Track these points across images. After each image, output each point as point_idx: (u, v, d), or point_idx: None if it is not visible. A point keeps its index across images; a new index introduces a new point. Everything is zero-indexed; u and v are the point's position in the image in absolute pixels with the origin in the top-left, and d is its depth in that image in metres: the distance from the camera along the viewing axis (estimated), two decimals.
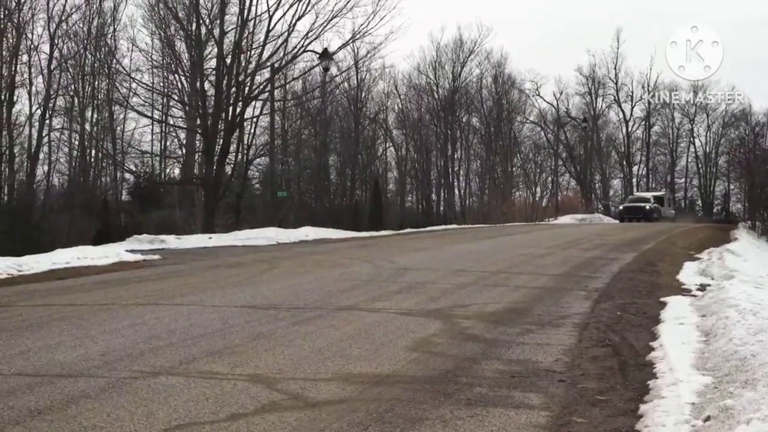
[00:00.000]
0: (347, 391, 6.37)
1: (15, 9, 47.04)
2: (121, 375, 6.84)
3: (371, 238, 31.87)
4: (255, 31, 39.00)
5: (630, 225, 47.85)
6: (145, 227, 35.80)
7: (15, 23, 47.07)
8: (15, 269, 16.77)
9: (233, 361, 7.40)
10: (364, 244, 25.96)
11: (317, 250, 23.22)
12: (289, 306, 11.16)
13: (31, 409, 5.77)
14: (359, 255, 20.76)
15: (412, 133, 70.49)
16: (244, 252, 22.86)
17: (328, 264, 18.31)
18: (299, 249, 24.08)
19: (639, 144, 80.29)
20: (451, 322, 9.86)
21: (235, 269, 17.30)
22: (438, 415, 5.77)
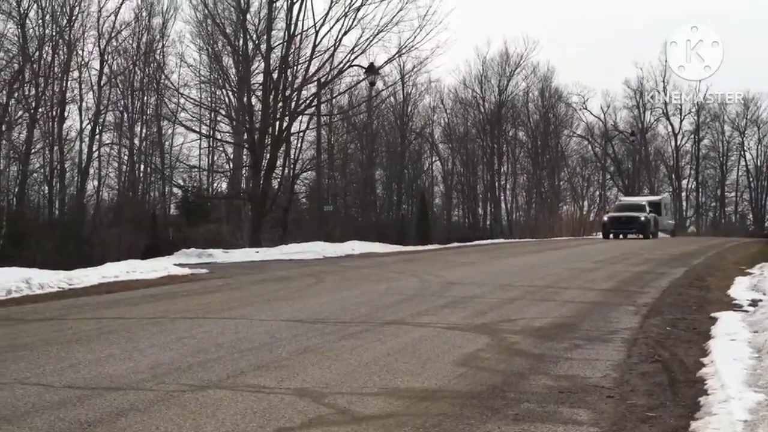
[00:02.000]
0: (394, 406, 6.35)
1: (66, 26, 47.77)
2: (170, 388, 6.88)
3: (417, 252, 31.84)
4: (302, 46, 39.20)
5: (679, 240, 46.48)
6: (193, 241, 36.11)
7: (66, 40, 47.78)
8: (66, 283, 16.98)
9: (280, 375, 7.42)
10: (411, 259, 25.93)
11: (364, 264, 23.23)
12: (336, 320, 11.17)
13: (81, 422, 5.82)
14: (405, 269, 20.73)
15: (459, 147, 70.35)
16: (290, 266, 22.93)
17: (374, 278, 18.30)
18: (346, 263, 24.10)
19: (688, 158, 79.58)
20: (498, 336, 9.81)
21: (282, 283, 17.35)
22: (485, 431, 5.74)
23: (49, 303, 14.09)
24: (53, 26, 47.71)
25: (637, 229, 44.32)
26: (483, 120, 70.84)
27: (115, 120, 52.83)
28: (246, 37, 39.62)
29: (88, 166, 50.65)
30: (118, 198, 54.34)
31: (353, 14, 37.66)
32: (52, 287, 16.35)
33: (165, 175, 50.68)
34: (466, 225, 70.35)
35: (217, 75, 43.71)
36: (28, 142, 47.17)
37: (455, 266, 21.77)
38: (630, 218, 44.87)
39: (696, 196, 78.89)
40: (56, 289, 16.28)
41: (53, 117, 48.06)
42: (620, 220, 45.30)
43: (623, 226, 45.00)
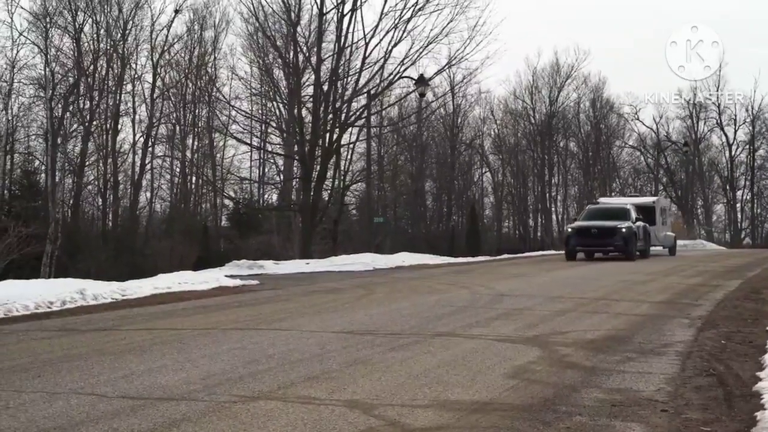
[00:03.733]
0: (444, 418, 6.33)
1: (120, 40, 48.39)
2: (221, 399, 6.91)
3: (468, 263, 31.75)
4: (351, 59, 39.27)
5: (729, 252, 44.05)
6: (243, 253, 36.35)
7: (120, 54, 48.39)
8: (119, 294, 17.15)
9: (331, 387, 7.42)
10: (461, 270, 25.86)
11: (414, 276, 23.20)
12: (386, 332, 11.16)
13: (134, 431, 5.86)
14: (456, 281, 20.67)
15: (509, 159, 70.15)
16: (341, 277, 22.97)
17: (424, 290, 18.27)
18: (396, 275, 24.10)
19: (743, 168, 78.38)
20: (549, 349, 9.74)
21: (332, 294, 17.39)
22: None
23: (103, 314, 14.24)
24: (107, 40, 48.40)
25: (617, 246, 30.96)
26: (534, 131, 70.58)
27: (168, 132, 53.41)
28: (296, 50, 39.84)
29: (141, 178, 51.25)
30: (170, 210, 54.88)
31: (403, 26, 37.72)
32: (106, 298, 16.52)
33: (216, 187, 51.05)
34: (516, 236, 70.09)
35: (267, 87, 43.99)
36: (83, 155, 47.85)
37: (506, 278, 21.66)
38: (604, 230, 30.92)
39: (751, 208, 77.71)
40: (110, 299, 16.44)
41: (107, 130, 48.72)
42: (589, 233, 31.03)
43: (594, 242, 31.32)
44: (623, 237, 30.68)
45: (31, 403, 6.79)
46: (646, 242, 32.81)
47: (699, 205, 78.77)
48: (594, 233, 31.06)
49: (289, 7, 38.52)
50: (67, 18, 47.07)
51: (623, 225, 30.88)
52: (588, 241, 31.29)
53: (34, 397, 7.04)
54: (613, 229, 30.80)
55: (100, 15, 48.16)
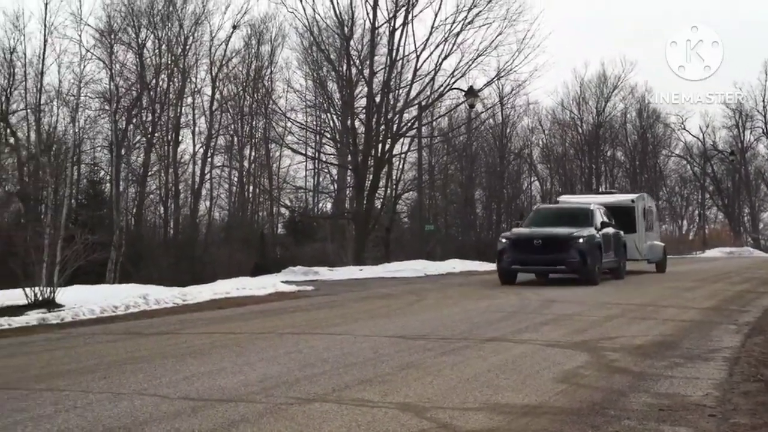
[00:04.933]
0: (495, 421, 6.29)
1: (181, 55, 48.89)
2: (278, 401, 6.94)
3: None
4: (403, 71, 39.37)
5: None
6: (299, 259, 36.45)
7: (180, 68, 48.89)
8: (180, 299, 17.32)
9: (384, 390, 7.42)
10: None
11: (464, 282, 23.16)
12: (438, 336, 11.14)
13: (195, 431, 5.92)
14: (506, 287, 20.60)
15: (557, 168, 69.70)
16: (393, 283, 22.99)
17: (474, 296, 18.22)
18: (446, 281, 24.06)
19: None
20: (598, 354, 9.65)
21: (385, 300, 17.40)
22: None
23: (165, 318, 14.38)
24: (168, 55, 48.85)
25: (570, 264, 21.43)
26: (581, 140, 70.06)
27: (226, 143, 53.78)
28: (350, 63, 39.98)
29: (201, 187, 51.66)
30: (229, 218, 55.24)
31: (453, 39, 37.77)
32: (168, 303, 16.69)
33: (273, 196, 51.32)
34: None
35: (322, 99, 44.20)
36: (146, 165, 48.37)
37: (555, 284, 21.54)
38: (553, 240, 21.66)
39: None
40: (171, 304, 16.61)
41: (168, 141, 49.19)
42: (531, 245, 21.68)
43: (538, 259, 21.69)
44: (580, 251, 21.04)
45: (97, 403, 6.87)
46: (618, 256, 23.83)
47: (746, 213, 77.61)
48: (537, 246, 21.35)
49: (343, 22, 38.70)
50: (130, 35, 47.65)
51: (581, 233, 21.41)
52: (529, 257, 21.42)
53: (101, 397, 7.13)
54: (566, 239, 21.26)
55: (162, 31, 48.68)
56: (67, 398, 7.08)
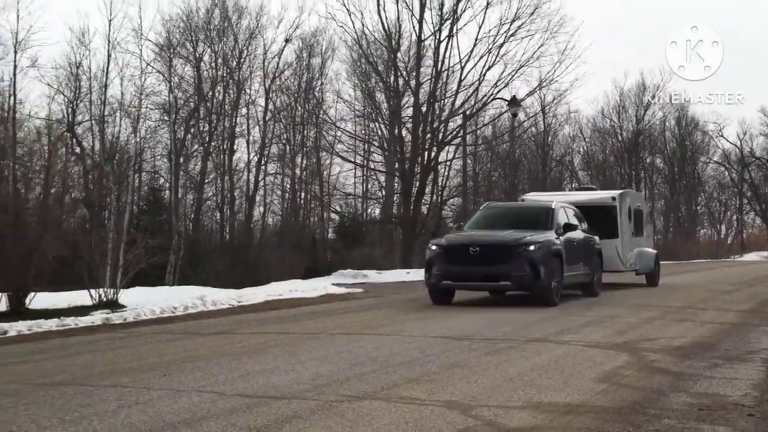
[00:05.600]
0: (538, 419, 6.25)
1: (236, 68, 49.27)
2: (329, 398, 6.95)
3: None
4: (448, 82, 39.28)
5: None
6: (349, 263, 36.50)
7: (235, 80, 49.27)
8: (235, 300, 17.45)
9: (430, 388, 7.40)
10: None
11: None
12: (482, 337, 11.10)
13: (250, 427, 5.93)
14: None
15: (597, 174, 69.16)
16: None
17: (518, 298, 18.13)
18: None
19: None
20: (638, 355, 9.56)
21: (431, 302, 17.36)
22: None
23: (221, 318, 14.48)
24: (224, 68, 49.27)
25: (517, 279, 16.03)
26: (621, 148, 69.56)
27: (279, 152, 54.07)
28: (397, 74, 40.01)
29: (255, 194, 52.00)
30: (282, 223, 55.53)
31: (496, 51, 37.67)
32: (224, 304, 16.81)
33: (323, 202, 51.46)
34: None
35: (370, 109, 44.33)
36: (203, 173, 48.82)
37: None
38: (493, 249, 16.29)
39: None
40: (227, 305, 16.73)
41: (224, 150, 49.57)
42: (467, 255, 16.28)
43: (475, 271, 16.13)
44: (531, 261, 15.69)
45: (158, 399, 6.93)
46: (590, 267, 18.43)
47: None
48: (475, 255, 15.92)
49: (390, 35, 38.72)
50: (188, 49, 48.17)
51: (534, 238, 16.04)
52: (464, 269, 16.03)
53: (161, 393, 7.19)
54: (512, 246, 15.92)
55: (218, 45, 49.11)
56: (130, 394, 7.15)
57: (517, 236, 16.18)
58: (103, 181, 42.51)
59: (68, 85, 45.24)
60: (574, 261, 17.24)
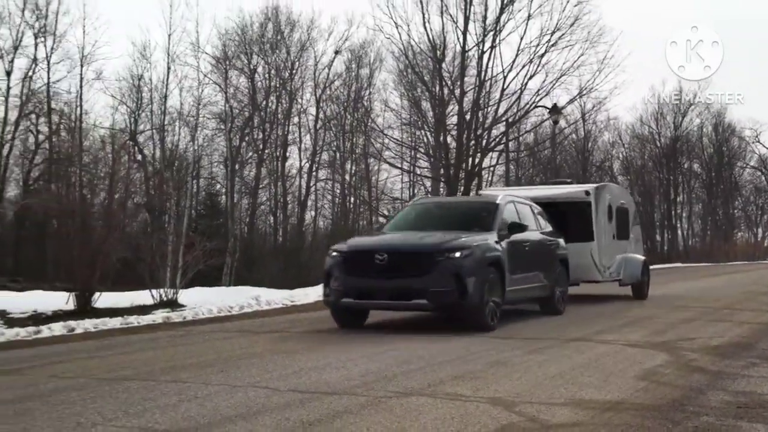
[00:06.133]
0: (579, 416, 6.21)
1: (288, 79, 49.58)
2: (378, 394, 6.97)
3: None
4: (491, 91, 39.11)
5: None
6: None
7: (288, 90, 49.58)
8: (288, 300, 17.56)
9: (475, 385, 7.39)
10: None
11: None
12: (524, 336, 11.07)
13: (303, 421, 5.96)
14: (588, 291, 20.30)
15: (636, 179, 68.54)
16: None
17: None
18: None
19: None
20: (676, 354, 9.46)
21: None
22: None
23: (275, 317, 14.57)
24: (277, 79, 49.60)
25: (433, 296, 11.33)
26: (659, 154, 68.80)
27: (329, 158, 54.29)
28: (442, 84, 39.96)
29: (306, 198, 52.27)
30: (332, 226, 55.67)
31: (537, 61, 37.44)
32: (277, 304, 16.92)
33: (372, 206, 51.54)
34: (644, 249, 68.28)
35: (416, 117, 44.26)
36: (257, 179, 49.18)
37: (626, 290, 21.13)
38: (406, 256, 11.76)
39: None
40: (281, 305, 16.83)
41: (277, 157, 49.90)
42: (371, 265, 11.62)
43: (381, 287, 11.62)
44: (455, 273, 11.47)
45: (215, 394, 6.99)
46: (550, 277, 14.24)
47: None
48: (381, 264, 11.67)
49: (435, 46, 38.72)
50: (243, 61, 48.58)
51: (463, 242, 11.87)
52: (368, 283, 11.86)
53: (218, 389, 7.26)
54: (430, 254, 11.72)
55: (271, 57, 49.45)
56: (189, 389, 7.23)
57: (441, 239, 11.73)
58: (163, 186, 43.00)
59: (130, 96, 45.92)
60: (524, 270, 12.92)
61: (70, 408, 6.52)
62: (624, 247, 18.69)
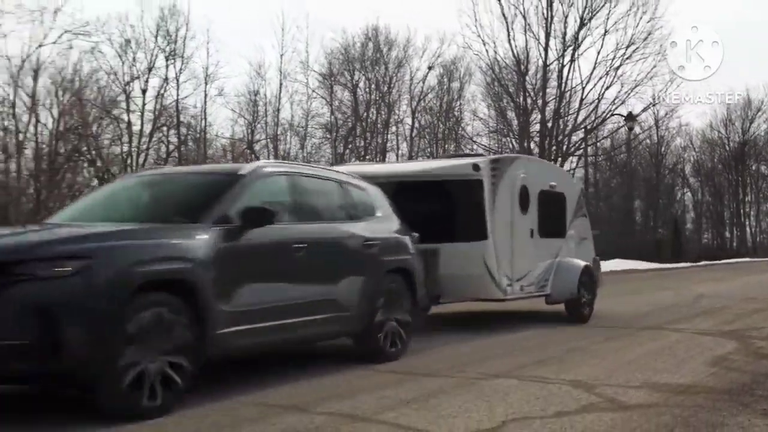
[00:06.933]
0: (654, 398, 6.07)
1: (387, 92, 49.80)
2: (468, 376, 6.94)
3: (671, 269, 30.42)
4: (571, 100, 38.91)
5: None
6: None
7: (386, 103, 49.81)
8: None
9: (557, 369, 7.29)
10: (666, 275, 24.81)
11: (624, 279, 22.45)
12: (600, 325, 10.88)
13: (401, 399, 5.96)
14: (661, 284, 19.85)
15: (707, 181, 66.74)
16: None
17: (634, 291, 17.65)
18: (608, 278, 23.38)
19: None
20: (745, 342, 9.16)
21: None
22: (736, 422, 5.33)
23: None
24: (377, 93, 49.84)
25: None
26: (728, 157, 66.80)
27: None
28: (525, 95, 39.77)
29: None
30: None
31: (613, 72, 37.21)
32: None
33: None
34: (714, 246, 66.49)
35: (502, 126, 44.15)
36: None
37: (705, 281, 20.58)
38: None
39: None
40: None
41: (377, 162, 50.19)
42: None
43: None
44: (29, 309, 4.72)
45: (320, 374, 7.03)
46: (361, 304, 7.49)
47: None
48: None
49: (519, 61, 38.62)
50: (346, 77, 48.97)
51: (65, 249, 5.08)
52: None
53: (322, 369, 7.30)
54: None
55: (371, 73, 49.70)
56: (301, 368, 7.28)
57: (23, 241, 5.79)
58: None
59: (248, 109, 46.71)
60: (273, 292, 6.54)
61: None
62: (555, 248, 11.77)
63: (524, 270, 10.73)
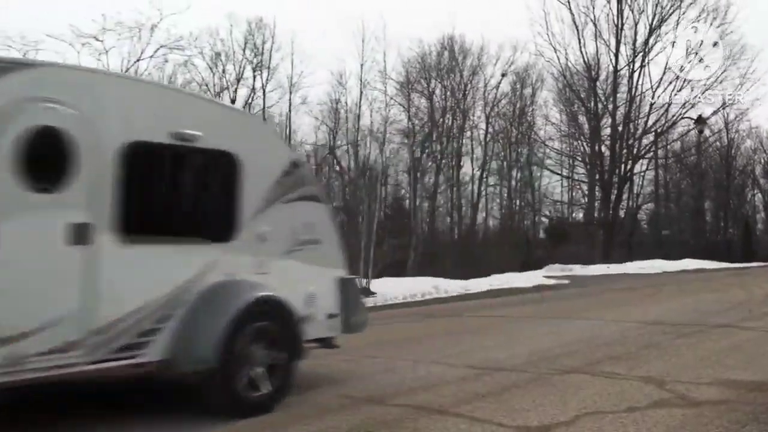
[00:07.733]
0: (725, 394, 5.90)
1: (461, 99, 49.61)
2: (542, 371, 6.87)
3: (743, 268, 29.46)
4: (641, 105, 38.16)
5: None
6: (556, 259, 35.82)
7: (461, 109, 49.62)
8: (463, 289, 17.58)
9: (629, 365, 7.15)
10: (737, 274, 24.05)
11: (696, 278, 21.86)
12: (673, 322, 10.60)
13: (477, 393, 5.96)
14: (732, 282, 19.24)
15: None
16: (634, 279, 22.08)
17: (706, 289, 17.16)
18: (680, 277, 22.82)
19: None
20: None
21: (628, 292, 16.76)
22: None
23: (451, 304, 14.62)
24: (452, 99, 49.69)
25: None
26: None
27: (497, 167, 53.90)
28: (596, 100, 39.15)
29: (478, 202, 52.01)
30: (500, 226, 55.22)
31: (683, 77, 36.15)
32: (453, 292, 16.97)
33: (535, 208, 50.85)
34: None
35: (573, 130, 43.53)
36: (435, 185, 49.38)
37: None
38: None
39: None
40: (456, 293, 16.87)
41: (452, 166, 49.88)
42: None
43: None
44: None
45: (401, 368, 7.09)
46: None
47: None
48: None
49: (590, 67, 38.06)
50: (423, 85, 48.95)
51: None
52: None
53: (403, 364, 7.35)
54: None
55: (447, 81, 49.56)
56: (380, 363, 7.36)
57: None
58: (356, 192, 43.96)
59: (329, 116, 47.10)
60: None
61: None
62: (177, 262, 5.30)
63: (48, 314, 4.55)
